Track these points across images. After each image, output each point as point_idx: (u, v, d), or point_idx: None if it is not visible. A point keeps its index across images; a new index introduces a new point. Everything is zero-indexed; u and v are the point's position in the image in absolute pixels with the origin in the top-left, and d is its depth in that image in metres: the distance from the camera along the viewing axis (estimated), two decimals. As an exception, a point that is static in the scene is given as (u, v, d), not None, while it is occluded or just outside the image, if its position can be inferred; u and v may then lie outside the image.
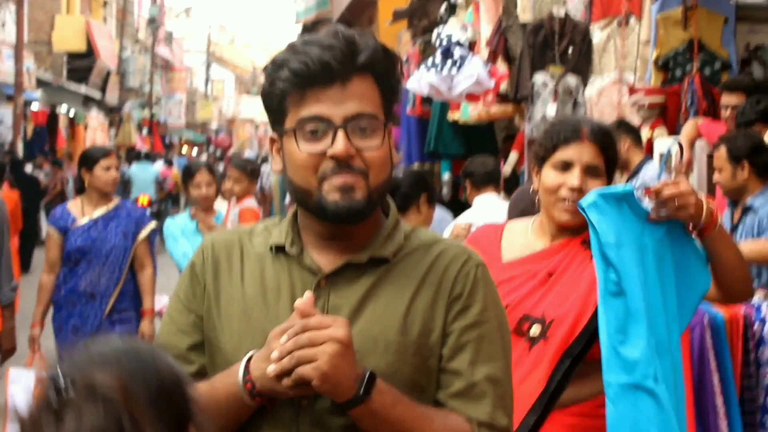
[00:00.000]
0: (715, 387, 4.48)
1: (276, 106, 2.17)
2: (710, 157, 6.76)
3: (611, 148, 3.43)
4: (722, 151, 6.09)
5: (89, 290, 6.89)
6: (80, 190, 7.74)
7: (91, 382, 1.55)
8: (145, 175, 22.51)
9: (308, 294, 2.04)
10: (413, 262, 2.21)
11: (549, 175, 3.39)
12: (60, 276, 6.98)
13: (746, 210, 6.07)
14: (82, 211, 6.98)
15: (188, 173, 7.91)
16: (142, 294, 7.08)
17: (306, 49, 2.11)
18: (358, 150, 2.12)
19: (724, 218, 6.31)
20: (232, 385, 2.07)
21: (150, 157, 25.85)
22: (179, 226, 7.60)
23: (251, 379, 2.04)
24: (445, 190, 13.38)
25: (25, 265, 16.42)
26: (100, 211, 6.96)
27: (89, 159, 6.97)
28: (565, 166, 3.37)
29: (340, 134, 2.09)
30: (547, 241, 3.42)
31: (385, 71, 2.18)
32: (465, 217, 7.39)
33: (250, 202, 8.18)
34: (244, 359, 2.07)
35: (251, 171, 8.29)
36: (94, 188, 6.98)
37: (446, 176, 13.47)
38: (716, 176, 6.20)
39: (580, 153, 3.36)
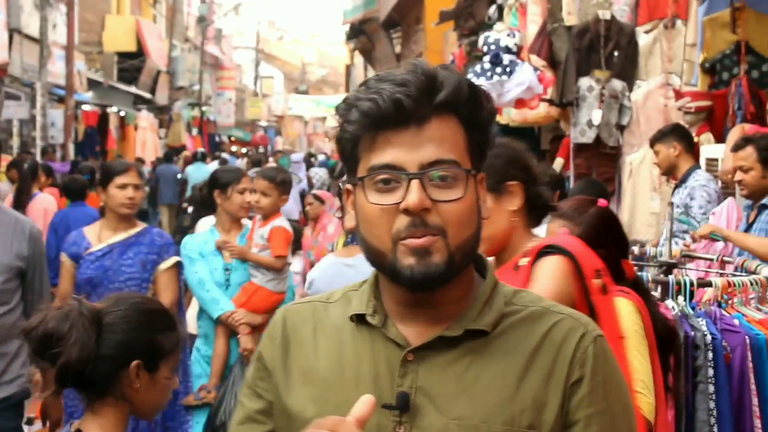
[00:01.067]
0: (755, 408, 4.45)
1: (348, 152, 1.93)
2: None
3: None
4: (749, 151, 6.08)
5: None
6: (102, 211, 7.11)
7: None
8: (200, 175, 22.52)
9: (369, 399, 1.73)
10: (518, 336, 1.93)
11: None
12: None
13: (762, 208, 6.09)
14: (98, 237, 6.03)
15: (223, 180, 6.84)
16: None
17: (378, 86, 1.87)
18: (436, 203, 1.86)
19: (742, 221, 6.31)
20: None
21: (205, 158, 25.97)
22: (198, 245, 6.65)
23: None
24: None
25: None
26: (118, 237, 6.00)
27: (103, 175, 6.11)
28: None
29: (414, 183, 1.84)
30: None
31: (472, 111, 1.92)
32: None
33: (281, 222, 6.85)
34: None
35: (281, 182, 6.77)
36: (110, 210, 6.07)
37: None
38: (740, 175, 6.14)
39: None
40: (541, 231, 3.83)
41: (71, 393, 5.28)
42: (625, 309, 3.75)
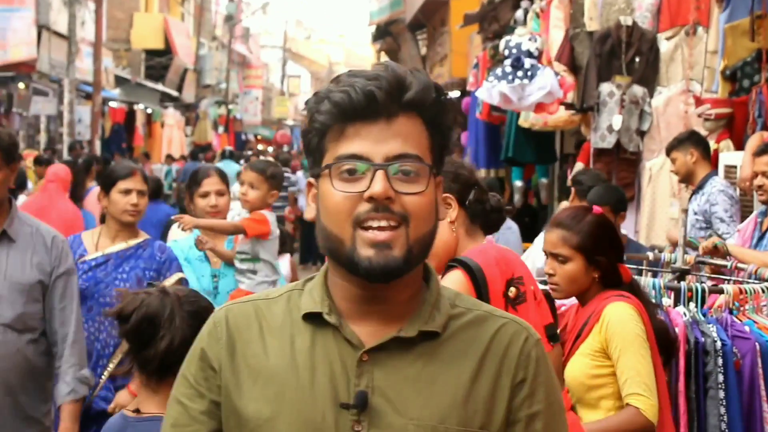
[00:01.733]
0: (765, 414, 4.46)
1: (315, 144, 1.97)
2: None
3: None
4: None
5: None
6: (102, 218, 6.72)
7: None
8: (229, 172, 22.51)
9: None
10: (467, 339, 1.98)
11: None
12: None
13: None
14: (95, 244, 5.48)
15: (194, 179, 6.42)
16: None
17: (350, 80, 1.93)
18: (399, 194, 1.90)
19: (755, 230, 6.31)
20: None
21: (233, 155, 26.03)
22: (183, 250, 6.02)
23: None
24: (517, 197, 13.44)
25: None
26: (115, 247, 5.44)
27: (106, 179, 5.62)
28: None
29: (379, 174, 1.89)
30: None
31: (436, 113, 1.97)
32: None
33: (266, 212, 6.22)
34: None
35: (271, 176, 6.22)
36: (111, 216, 5.53)
37: (518, 183, 13.54)
38: (761, 180, 6.14)
39: None
40: (539, 239, 3.92)
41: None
42: (627, 313, 3.82)
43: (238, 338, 2.01)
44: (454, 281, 3.50)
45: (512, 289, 3.53)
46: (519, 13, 12.65)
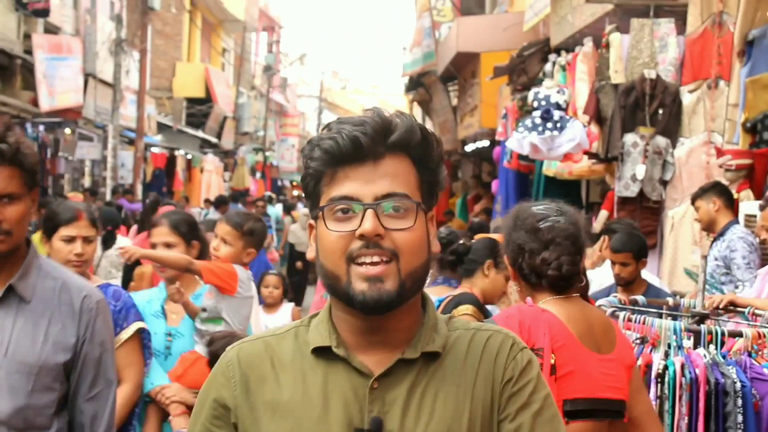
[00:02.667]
0: None
1: (312, 189, 2.05)
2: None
3: None
4: None
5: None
6: None
7: None
8: (271, 213, 22.50)
9: None
10: (461, 355, 2.07)
11: None
12: None
13: None
14: None
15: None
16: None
17: (339, 127, 2.00)
18: (388, 231, 1.97)
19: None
20: None
21: (272, 200, 26.11)
22: (140, 303, 5.02)
23: None
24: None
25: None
26: None
27: (47, 222, 4.76)
28: None
29: (369, 213, 1.95)
30: None
31: (423, 152, 2.04)
32: (594, 275, 7.28)
33: (236, 266, 5.24)
34: None
35: (249, 231, 5.32)
36: None
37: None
38: (766, 235, 6.17)
39: None
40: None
41: None
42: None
43: (251, 375, 2.07)
44: None
45: None
46: (548, 66, 12.73)
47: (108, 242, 10.03)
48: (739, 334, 4.78)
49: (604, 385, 3.51)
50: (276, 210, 23.85)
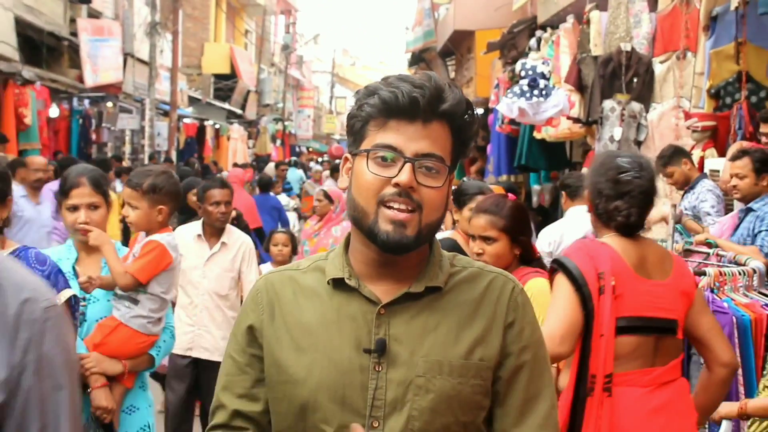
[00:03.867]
0: (739, 377, 4.48)
1: (358, 128, 2.02)
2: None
3: None
4: (745, 161, 6.20)
5: None
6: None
7: None
8: (294, 177, 22.48)
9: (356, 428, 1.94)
10: (464, 291, 2.07)
11: None
12: None
13: (748, 211, 6.20)
14: None
15: (62, 189, 4.31)
16: None
17: (399, 84, 1.97)
18: (420, 185, 1.96)
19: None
20: None
21: (297, 165, 26.11)
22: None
23: None
24: (535, 199, 13.50)
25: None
26: None
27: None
28: None
29: (408, 166, 1.94)
30: None
31: (463, 125, 2.02)
32: (557, 226, 7.42)
33: (162, 237, 4.31)
34: None
35: (150, 189, 4.29)
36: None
37: (536, 187, 13.60)
38: (735, 181, 6.25)
39: None
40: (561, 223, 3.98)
41: None
42: (545, 286, 3.89)
43: (276, 301, 2.10)
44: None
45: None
46: (533, 41, 12.73)
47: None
48: (703, 273, 4.84)
49: (653, 306, 3.59)
50: (298, 173, 23.86)
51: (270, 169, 15.90)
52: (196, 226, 6.79)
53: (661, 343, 3.62)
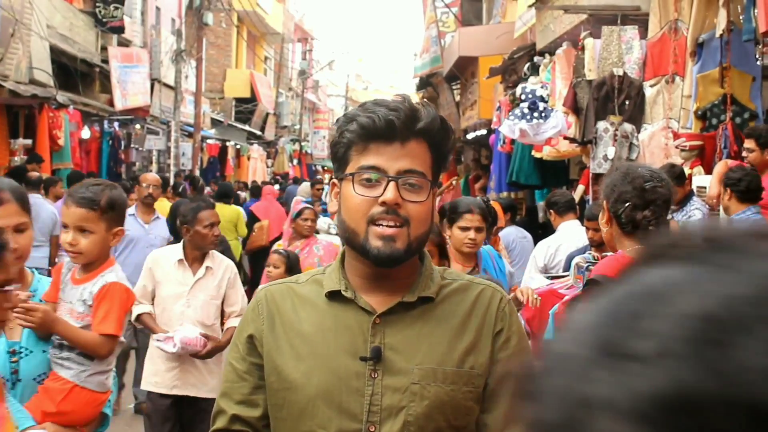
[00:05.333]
0: None
1: (341, 154, 2.02)
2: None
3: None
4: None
5: None
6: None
7: None
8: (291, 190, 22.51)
9: None
10: (455, 302, 2.07)
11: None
12: None
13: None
14: None
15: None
16: None
17: (375, 109, 1.97)
18: (405, 201, 1.96)
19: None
20: None
21: (298, 181, 26.15)
22: None
23: None
24: (541, 215, 13.47)
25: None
26: None
27: None
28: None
29: (392, 184, 1.94)
30: None
31: (440, 140, 2.03)
32: (551, 240, 7.42)
33: (114, 275, 3.33)
34: None
35: (109, 206, 3.30)
36: None
37: (541, 203, 13.58)
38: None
39: None
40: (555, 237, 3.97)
41: None
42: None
43: (276, 312, 2.08)
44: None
45: None
46: (527, 68, 12.73)
47: None
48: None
49: None
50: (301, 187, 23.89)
51: (305, 188, 15.72)
52: (175, 250, 5.85)
53: None
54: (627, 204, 3.58)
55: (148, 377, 5.83)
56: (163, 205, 12.99)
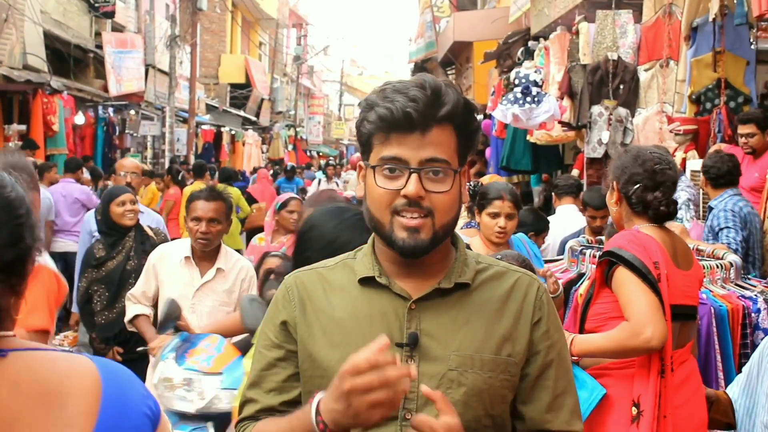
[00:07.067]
0: (719, 364, 4.50)
1: (364, 140, 1.97)
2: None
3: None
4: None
5: None
6: None
7: None
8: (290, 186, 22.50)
9: (383, 338, 1.72)
10: (492, 289, 2.02)
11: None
12: None
13: (710, 209, 6.48)
14: None
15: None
16: None
17: (393, 97, 1.90)
18: (428, 192, 1.90)
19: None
20: (308, 424, 1.80)
21: (310, 167, 26.07)
22: None
23: (323, 420, 1.76)
24: (536, 199, 13.48)
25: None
26: None
27: None
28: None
29: (414, 177, 1.89)
30: None
31: (464, 121, 1.95)
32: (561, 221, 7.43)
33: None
34: (315, 400, 1.80)
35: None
36: None
37: (537, 188, 13.60)
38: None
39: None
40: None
41: None
42: None
43: (307, 298, 2.03)
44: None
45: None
46: (520, 53, 12.72)
47: None
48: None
49: (683, 294, 3.59)
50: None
51: (353, 182, 16.70)
52: (183, 246, 5.11)
53: (683, 327, 3.63)
54: (638, 185, 3.65)
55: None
56: (151, 194, 13.05)
